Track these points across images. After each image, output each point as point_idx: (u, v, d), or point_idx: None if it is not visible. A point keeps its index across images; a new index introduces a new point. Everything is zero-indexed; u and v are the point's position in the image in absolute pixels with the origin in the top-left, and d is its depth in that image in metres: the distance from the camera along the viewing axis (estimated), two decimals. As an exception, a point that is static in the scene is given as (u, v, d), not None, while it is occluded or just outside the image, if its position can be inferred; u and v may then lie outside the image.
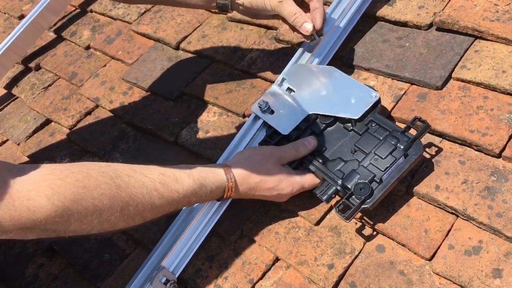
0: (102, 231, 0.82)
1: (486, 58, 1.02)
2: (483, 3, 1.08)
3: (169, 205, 0.88)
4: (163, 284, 0.96)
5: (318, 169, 0.97)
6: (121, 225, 0.83)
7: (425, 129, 0.92)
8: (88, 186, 0.77)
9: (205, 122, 1.24)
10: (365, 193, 0.88)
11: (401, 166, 0.90)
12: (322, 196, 0.93)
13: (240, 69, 1.31)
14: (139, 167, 0.88)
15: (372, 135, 0.96)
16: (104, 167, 0.83)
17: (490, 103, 0.97)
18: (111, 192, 0.79)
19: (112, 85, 1.47)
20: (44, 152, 1.42)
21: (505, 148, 0.91)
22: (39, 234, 0.76)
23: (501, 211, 0.85)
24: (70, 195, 0.75)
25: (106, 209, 0.79)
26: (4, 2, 2.03)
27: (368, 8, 1.21)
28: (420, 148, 0.91)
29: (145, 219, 0.87)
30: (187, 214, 1.02)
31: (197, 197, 0.91)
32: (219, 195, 0.95)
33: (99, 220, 0.78)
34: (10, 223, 0.71)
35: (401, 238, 0.90)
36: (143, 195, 0.83)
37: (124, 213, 0.81)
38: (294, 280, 0.94)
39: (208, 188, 0.92)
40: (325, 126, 1.03)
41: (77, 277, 1.13)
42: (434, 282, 0.84)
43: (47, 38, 1.77)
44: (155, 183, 0.86)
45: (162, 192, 0.86)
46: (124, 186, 0.82)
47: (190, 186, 0.90)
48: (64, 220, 0.75)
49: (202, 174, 0.92)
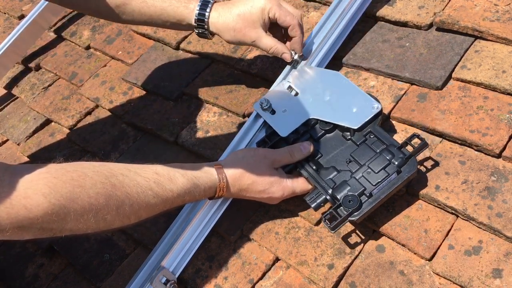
0: (98, 230, 0.82)
1: (486, 58, 1.02)
2: (483, 3, 1.08)
3: (164, 204, 0.89)
4: (163, 284, 0.96)
5: (311, 175, 0.97)
6: (117, 224, 0.84)
7: (421, 147, 0.90)
8: (84, 185, 0.78)
9: (205, 122, 1.24)
10: (353, 206, 0.88)
11: (393, 182, 0.89)
12: (311, 203, 0.93)
13: (240, 69, 1.31)
14: (133, 167, 0.88)
15: (369, 147, 0.95)
16: (98, 167, 0.84)
17: (490, 103, 0.97)
18: (106, 191, 0.80)
19: (112, 85, 1.47)
20: (44, 152, 1.42)
21: (505, 148, 0.91)
22: (35, 234, 0.75)
23: (501, 211, 0.85)
24: (66, 194, 0.75)
25: (102, 207, 0.79)
26: (4, 2, 2.03)
27: (368, 8, 1.21)
28: (414, 165, 0.89)
29: (140, 218, 0.87)
30: (187, 214, 1.03)
31: (190, 196, 0.92)
32: (211, 194, 0.96)
33: (95, 218, 0.79)
34: (7, 221, 0.71)
35: (401, 238, 0.90)
36: (138, 194, 0.84)
37: (120, 212, 0.82)
38: (294, 280, 0.94)
39: (201, 187, 0.93)
40: (324, 132, 1.02)
41: (77, 277, 1.13)
42: (434, 282, 0.84)
43: (47, 38, 1.77)
44: (150, 182, 0.86)
45: (157, 192, 0.87)
46: (119, 185, 0.82)
47: (184, 186, 0.90)
48: (60, 219, 0.75)
49: (195, 174, 0.93)
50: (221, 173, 0.95)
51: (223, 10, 1.08)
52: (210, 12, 1.07)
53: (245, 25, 1.06)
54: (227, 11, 1.07)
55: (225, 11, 1.08)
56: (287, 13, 1.06)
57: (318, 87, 1.07)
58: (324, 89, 1.06)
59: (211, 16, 1.08)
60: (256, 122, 1.09)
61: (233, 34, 1.07)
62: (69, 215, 0.76)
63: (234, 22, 1.06)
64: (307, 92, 1.07)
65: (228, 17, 1.07)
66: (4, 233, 0.72)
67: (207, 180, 0.94)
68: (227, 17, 1.07)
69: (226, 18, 1.07)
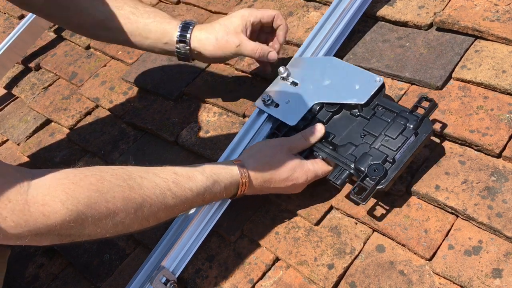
0: (116, 234, 0.82)
1: (486, 58, 1.02)
2: (483, 3, 1.08)
3: (183, 204, 0.88)
4: (163, 284, 0.96)
5: (330, 155, 0.97)
6: (136, 227, 0.83)
7: (432, 107, 0.92)
8: (102, 189, 0.77)
9: (205, 122, 1.24)
10: (379, 174, 0.88)
11: (412, 144, 0.91)
12: (336, 181, 0.93)
13: (240, 69, 1.31)
14: (151, 168, 0.88)
15: (380, 118, 0.97)
16: (117, 170, 0.83)
17: (490, 103, 0.97)
18: (124, 194, 0.79)
19: (112, 85, 1.47)
20: (44, 152, 1.42)
21: (505, 148, 0.91)
22: (53, 240, 0.75)
23: (501, 211, 0.85)
24: (84, 199, 0.75)
25: (120, 211, 0.79)
26: (4, 2, 2.03)
27: (368, 8, 1.21)
28: (430, 125, 0.92)
29: (160, 220, 0.87)
30: (187, 213, 1.02)
31: (211, 195, 0.91)
32: (233, 191, 0.94)
33: (113, 222, 0.78)
34: (26, 229, 0.71)
35: (401, 238, 0.90)
36: (156, 196, 0.83)
37: (138, 214, 0.81)
38: (294, 280, 0.94)
39: (222, 185, 0.92)
40: (332, 114, 1.03)
41: (77, 277, 1.13)
42: (434, 282, 0.84)
43: (47, 38, 1.77)
44: (168, 182, 0.85)
45: (176, 192, 0.86)
46: (137, 187, 0.81)
47: (203, 183, 0.89)
48: (78, 224, 0.75)
49: (214, 170, 0.92)
50: (242, 167, 0.94)
51: (205, 26, 1.12)
52: (193, 29, 1.11)
53: (227, 32, 1.08)
54: (209, 26, 1.12)
55: (207, 26, 1.12)
56: (268, 10, 1.11)
57: (316, 73, 1.08)
58: (323, 74, 1.07)
59: (194, 31, 1.11)
60: (256, 122, 1.09)
61: (215, 43, 1.09)
62: (87, 221, 0.75)
63: (215, 32, 1.09)
64: (306, 80, 1.08)
65: (210, 30, 1.10)
66: (23, 240, 0.72)
67: (227, 176, 0.92)
68: (208, 30, 1.11)
69: (208, 31, 1.11)
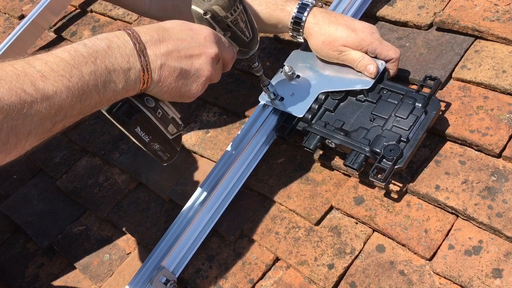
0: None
1: (486, 58, 1.02)
2: (483, 3, 1.08)
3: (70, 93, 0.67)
4: (163, 284, 0.96)
5: (343, 141, 0.97)
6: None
7: (438, 85, 0.95)
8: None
9: (205, 122, 1.24)
10: (395, 154, 0.90)
11: (424, 122, 0.93)
12: (353, 165, 0.94)
13: (240, 69, 1.31)
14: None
15: (387, 101, 0.99)
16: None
17: (490, 103, 0.97)
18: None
19: (112, 85, 1.47)
20: (44, 152, 1.42)
21: (505, 148, 0.91)
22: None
23: (501, 211, 0.85)
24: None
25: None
26: (4, 2, 2.03)
27: (368, 8, 1.21)
28: (438, 103, 0.94)
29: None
30: (187, 213, 1.03)
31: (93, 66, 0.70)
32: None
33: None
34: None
35: (401, 238, 0.90)
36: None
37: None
38: (294, 280, 0.94)
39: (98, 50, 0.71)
40: (338, 102, 1.04)
41: (77, 277, 1.13)
42: (434, 282, 0.84)
43: (47, 38, 1.77)
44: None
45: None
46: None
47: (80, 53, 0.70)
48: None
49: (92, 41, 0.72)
50: (133, 32, 0.75)
51: (322, 19, 1.02)
52: (307, 16, 1.02)
53: (337, 43, 1.01)
54: (326, 24, 1.02)
55: (324, 22, 1.02)
56: (389, 47, 1.02)
57: (317, 64, 1.09)
58: (324, 64, 1.08)
59: (308, 20, 1.02)
60: (257, 122, 1.09)
61: (321, 45, 1.03)
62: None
63: (325, 36, 1.02)
64: (308, 71, 1.09)
65: (324, 30, 1.02)
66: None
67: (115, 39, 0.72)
68: (323, 28, 1.02)
69: (322, 29, 1.02)
